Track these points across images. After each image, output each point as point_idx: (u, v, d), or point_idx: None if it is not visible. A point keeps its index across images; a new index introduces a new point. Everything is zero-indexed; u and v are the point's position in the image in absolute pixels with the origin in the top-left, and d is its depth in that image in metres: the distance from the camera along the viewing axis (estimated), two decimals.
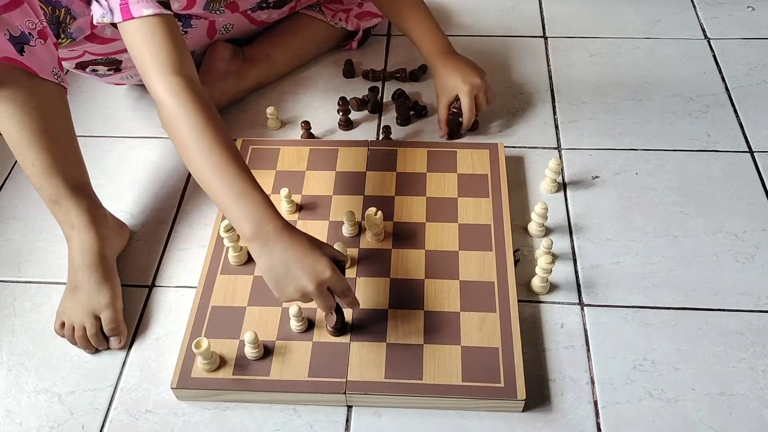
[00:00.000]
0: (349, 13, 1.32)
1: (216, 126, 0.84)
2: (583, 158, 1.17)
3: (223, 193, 0.82)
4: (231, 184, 0.82)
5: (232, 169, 0.82)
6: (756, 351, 0.92)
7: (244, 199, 0.81)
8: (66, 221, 0.96)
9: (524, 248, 1.04)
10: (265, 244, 0.81)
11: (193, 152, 0.83)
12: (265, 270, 0.82)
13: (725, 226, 1.06)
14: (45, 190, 0.94)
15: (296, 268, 0.80)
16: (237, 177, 0.82)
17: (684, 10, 1.47)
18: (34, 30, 0.88)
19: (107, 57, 1.11)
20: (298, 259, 0.80)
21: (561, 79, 1.32)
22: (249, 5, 1.22)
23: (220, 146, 0.83)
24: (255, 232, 0.81)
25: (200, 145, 0.83)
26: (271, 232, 0.81)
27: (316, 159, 1.13)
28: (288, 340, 0.91)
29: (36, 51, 0.88)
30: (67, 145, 0.95)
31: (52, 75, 0.91)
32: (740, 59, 1.35)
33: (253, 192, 0.82)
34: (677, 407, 0.86)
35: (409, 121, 1.22)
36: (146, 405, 0.89)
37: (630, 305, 0.97)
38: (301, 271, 0.80)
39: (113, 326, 0.94)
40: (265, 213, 0.81)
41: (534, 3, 1.51)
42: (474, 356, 0.88)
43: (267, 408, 0.88)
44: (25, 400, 0.90)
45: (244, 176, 0.83)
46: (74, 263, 0.95)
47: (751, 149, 1.18)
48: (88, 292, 0.94)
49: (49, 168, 0.92)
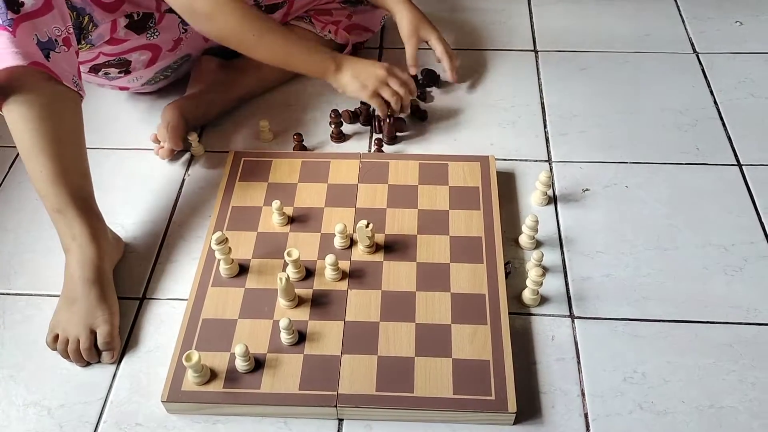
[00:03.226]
0: (338, 26, 1.33)
1: (264, 16, 1.12)
2: (574, 171, 1.18)
3: (300, 51, 1.15)
4: (301, 43, 1.17)
5: (295, 37, 1.17)
6: (745, 363, 0.92)
7: (314, 50, 1.17)
8: (67, 232, 0.95)
9: (515, 261, 1.04)
10: (342, 65, 1.16)
11: (266, 39, 1.11)
12: (350, 78, 1.16)
13: (714, 238, 1.07)
14: (49, 199, 0.94)
15: (368, 66, 1.18)
16: (301, 39, 1.20)
17: (673, 25, 1.49)
18: (60, 37, 0.91)
19: (119, 58, 1.13)
20: (364, 63, 1.19)
21: (551, 92, 1.33)
22: None
23: (277, 26, 1.13)
24: (335, 61, 1.16)
25: (269, 31, 1.10)
26: (341, 58, 1.17)
27: (308, 171, 1.14)
28: (279, 352, 0.91)
29: (60, 58, 0.90)
30: (77, 155, 0.96)
31: (72, 83, 0.93)
32: (728, 73, 1.36)
33: (315, 43, 1.22)
34: (667, 419, 0.87)
35: (395, 141, 1.22)
36: (136, 418, 0.89)
37: (620, 318, 0.97)
38: (373, 67, 1.18)
39: (108, 341, 0.93)
40: (328, 52, 1.18)
41: (525, 17, 1.52)
42: (465, 369, 0.88)
43: (258, 421, 0.88)
44: (14, 413, 0.90)
45: (303, 41, 1.20)
46: (73, 276, 0.95)
47: (740, 162, 1.19)
48: (86, 307, 0.94)
49: (57, 176, 0.92)
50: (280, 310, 0.95)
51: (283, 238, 1.04)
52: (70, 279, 0.95)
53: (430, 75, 1.33)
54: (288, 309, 0.95)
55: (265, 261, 1.01)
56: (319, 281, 0.99)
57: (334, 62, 1.15)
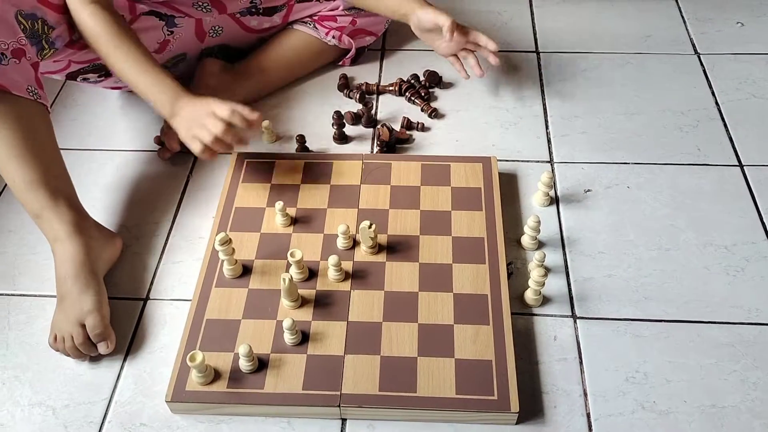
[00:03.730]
0: (342, 31, 1.33)
1: (130, 37, 1.04)
2: (576, 172, 1.18)
3: (144, 83, 1.03)
4: (147, 75, 1.03)
5: (148, 65, 1.03)
6: (747, 363, 0.92)
7: (156, 87, 1.03)
8: (50, 234, 0.98)
9: (517, 261, 1.05)
10: (178, 112, 1.03)
11: (115, 58, 1.03)
12: (184, 130, 1.02)
13: (716, 239, 1.07)
14: (28, 205, 0.97)
15: (204, 116, 1.02)
16: (152, 69, 1.03)
17: (674, 26, 1.49)
18: (7, 50, 0.94)
19: (93, 64, 1.14)
20: (203, 109, 1.03)
21: (553, 93, 1.34)
22: (237, 8, 1.24)
23: (135, 50, 1.03)
24: (172, 108, 1.03)
25: (120, 51, 1.03)
26: (185, 104, 1.03)
27: (311, 172, 1.14)
28: (282, 353, 0.91)
29: (9, 69, 0.94)
30: (48, 159, 0.98)
31: (27, 92, 0.95)
32: (730, 74, 1.37)
33: (167, 78, 1.04)
34: (669, 419, 0.87)
35: (393, 149, 1.23)
36: (141, 418, 0.89)
37: (622, 318, 0.98)
38: (206, 115, 1.02)
39: (98, 332, 0.93)
40: (179, 93, 1.03)
41: (526, 19, 1.52)
42: (468, 369, 0.89)
43: (261, 421, 0.88)
44: (19, 413, 0.90)
45: (158, 68, 1.04)
46: (58, 275, 0.96)
47: (741, 163, 1.19)
48: (71, 302, 0.95)
49: (30, 183, 0.95)
50: (283, 311, 0.96)
51: (286, 238, 1.05)
52: (57, 278, 0.97)
53: (432, 76, 1.34)
54: (291, 309, 0.96)
55: (268, 262, 1.02)
56: (322, 282, 0.99)
57: (170, 108, 1.04)
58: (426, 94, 1.31)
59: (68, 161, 1.01)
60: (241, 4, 1.26)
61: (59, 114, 1.32)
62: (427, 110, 1.28)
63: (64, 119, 1.31)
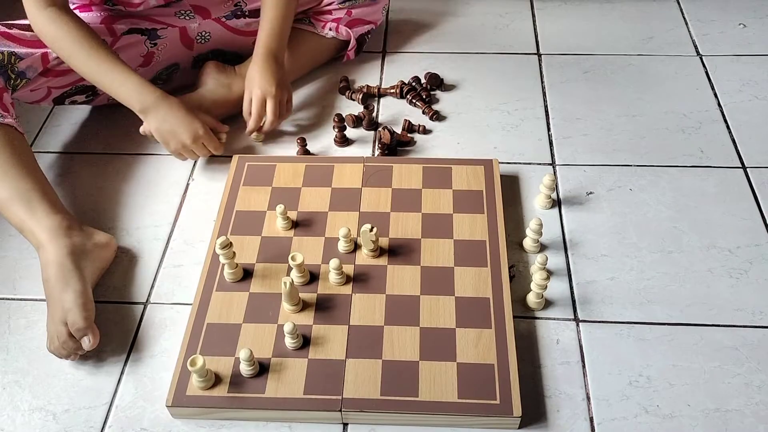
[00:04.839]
0: (338, 23, 1.33)
1: (91, 37, 1.07)
2: (578, 174, 1.18)
3: (110, 82, 1.08)
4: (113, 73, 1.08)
5: (111, 63, 1.08)
6: (751, 366, 0.92)
7: (127, 83, 1.08)
8: (34, 243, 1.00)
9: (519, 264, 1.04)
10: (151, 110, 1.08)
11: (78, 60, 1.07)
12: (154, 129, 1.09)
13: (719, 241, 1.07)
14: (10, 221, 1.01)
15: (178, 126, 1.09)
16: (116, 68, 1.08)
17: (676, 27, 1.49)
18: None
19: (76, 86, 1.15)
20: (178, 120, 1.09)
21: (555, 95, 1.33)
22: (222, 12, 1.24)
23: (97, 50, 1.07)
24: (142, 103, 1.08)
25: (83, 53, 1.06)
26: (153, 101, 1.08)
27: (312, 175, 1.14)
28: (283, 357, 0.91)
29: None
30: (17, 176, 1.01)
31: None
32: (732, 75, 1.36)
33: (131, 75, 1.08)
34: (673, 423, 0.86)
35: (395, 152, 1.22)
36: (141, 423, 0.89)
37: (625, 321, 0.97)
38: (182, 129, 1.09)
39: (77, 327, 0.92)
40: (145, 88, 1.08)
41: (528, 21, 1.52)
42: (469, 373, 0.88)
43: (262, 426, 0.88)
44: (19, 418, 0.90)
45: (122, 66, 1.08)
46: (43, 279, 0.97)
47: (744, 165, 1.19)
48: (54, 302, 0.95)
49: (3, 201, 0.99)
50: (284, 315, 0.95)
51: (287, 242, 1.04)
52: (42, 283, 0.97)
53: (434, 78, 1.34)
54: (292, 313, 0.95)
55: (269, 265, 1.01)
56: (324, 285, 0.99)
57: (139, 104, 1.09)
58: (427, 97, 1.31)
59: (68, 165, 1.02)
60: (226, 7, 1.26)
61: (59, 118, 1.31)
62: (428, 113, 1.28)
63: (65, 123, 1.30)
